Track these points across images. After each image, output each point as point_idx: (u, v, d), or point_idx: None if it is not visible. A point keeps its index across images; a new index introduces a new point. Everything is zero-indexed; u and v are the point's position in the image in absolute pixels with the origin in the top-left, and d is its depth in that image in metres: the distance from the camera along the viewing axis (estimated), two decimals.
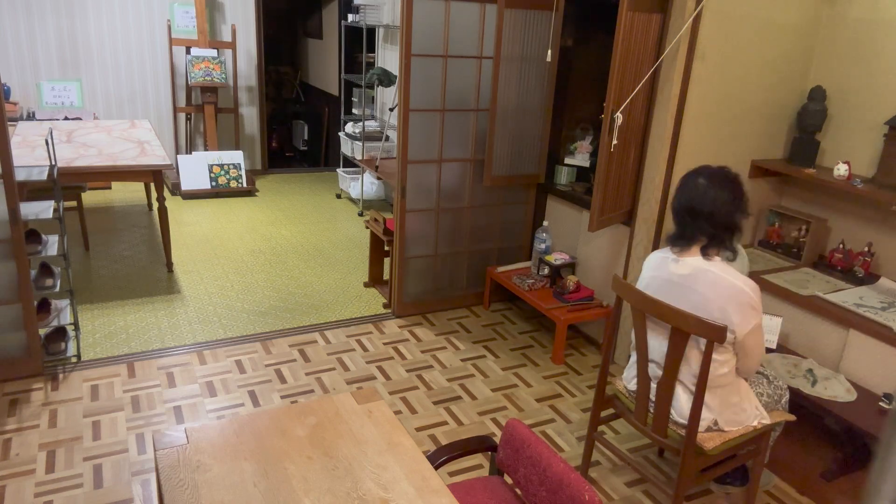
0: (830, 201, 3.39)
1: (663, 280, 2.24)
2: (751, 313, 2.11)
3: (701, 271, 2.15)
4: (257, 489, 1.55)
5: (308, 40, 8.36)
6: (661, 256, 2.30)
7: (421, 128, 3.71)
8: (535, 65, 3.73)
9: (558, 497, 1.67)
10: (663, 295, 2.21)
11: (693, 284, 2.16)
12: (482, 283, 4.18)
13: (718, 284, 2.11)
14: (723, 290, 2.10)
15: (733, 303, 2.09)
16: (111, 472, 2.55)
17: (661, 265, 2.27)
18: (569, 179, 4.01)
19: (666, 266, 2.25)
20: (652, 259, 2.35)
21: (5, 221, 2.91)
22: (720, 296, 2.10)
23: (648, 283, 2.30)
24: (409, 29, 3.45)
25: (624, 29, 2.75)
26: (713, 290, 2.12)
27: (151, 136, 4.70)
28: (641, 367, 2.30)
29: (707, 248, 2.16)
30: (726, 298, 2.10)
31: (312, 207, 5.97)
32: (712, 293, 2.11)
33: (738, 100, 3.23)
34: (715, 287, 2.12)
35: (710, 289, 2.12)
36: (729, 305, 2.10)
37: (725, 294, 2.10)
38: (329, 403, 1.88)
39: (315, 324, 3.82)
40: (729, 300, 2.10)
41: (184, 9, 6.18)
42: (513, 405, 3.16)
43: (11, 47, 5.71)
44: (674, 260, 2.22)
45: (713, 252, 2.16)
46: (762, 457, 2.46)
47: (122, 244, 4.80)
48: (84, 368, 3.21)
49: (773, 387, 2.45)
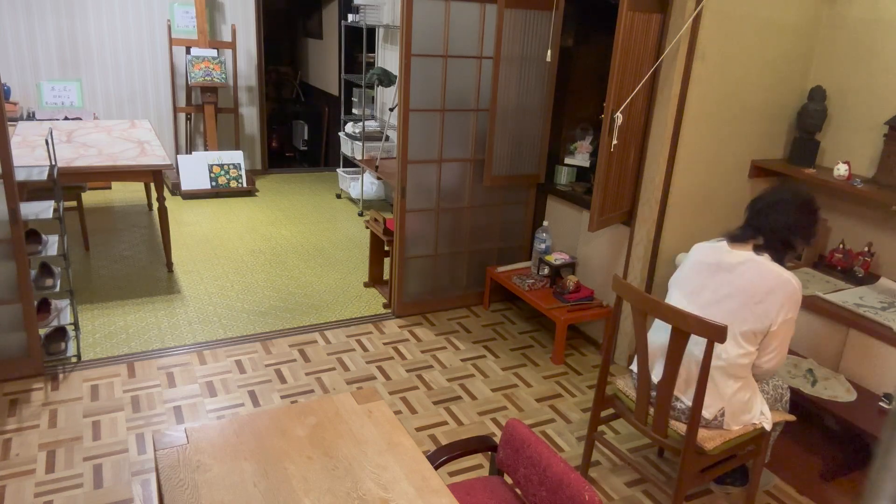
0: (830, 201, 3.39)
1: (711, 264, 2.30)
2: (790, 305, 2.19)
3: (752, 260, 2.23)
4: (257, 489, 1.55)
5: (308, 40, 8.36)
6: (712, 245, 2.36)
7: (421, 128, 3.71)
8: (535, 65, 3.73)
9: (558, 497, 1.67)
10: (704, 278, 2.28)
11: (742, 270, 2.23)
12: (482, 283, 4.18)
13: (768, 273, 2.19)
14: (772, 278, 2.18)
15: (779, 291, 2.17)
16: (111, 472, 2.55)
17: (711, 252, 2.33)
18: (569, 179, 4.01)
19: (717, 253, 2.31)
20: (702, 246, 2.40)
21: (5, 221, 2.91)
22: (767, 282, 2.18)
23: (693, 266, 2.36)
24: (409, 29, 3.45)
25: (624, 29, 2.75)
26: (762, 277, 2.19)
27: (151, 136, 4.70)
28: (642, 366, 2.30)
29: (759, 249, 2.25)
30: (772, 286, 2.17)
31: (312, 207, 5.97)
32: (760, 279, 2.19)
33: (738, 100, 3.23)
34: (763, 274, 2.19)
35: (759, 275, 2.20)
36: (773, 294, 2.17)
37: (773, 282, 2.18)
38: (329, 403, 1.88)
39: (315, 324, 3.82)
40: (776, 287, 2.17)
41: (184, 9, 6.18)
42: (513, 405, 3.16)
43: (11, 47, 5.71)
44: (727, 250, 2.29)
45: (764, 253, 2.24)
46: (762, 457, 2.46)
47: (122, 244, 4.80)
48: (84, 368, 3.21)
49: (773, 387, 2.45)
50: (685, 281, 2.37)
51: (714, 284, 2.26)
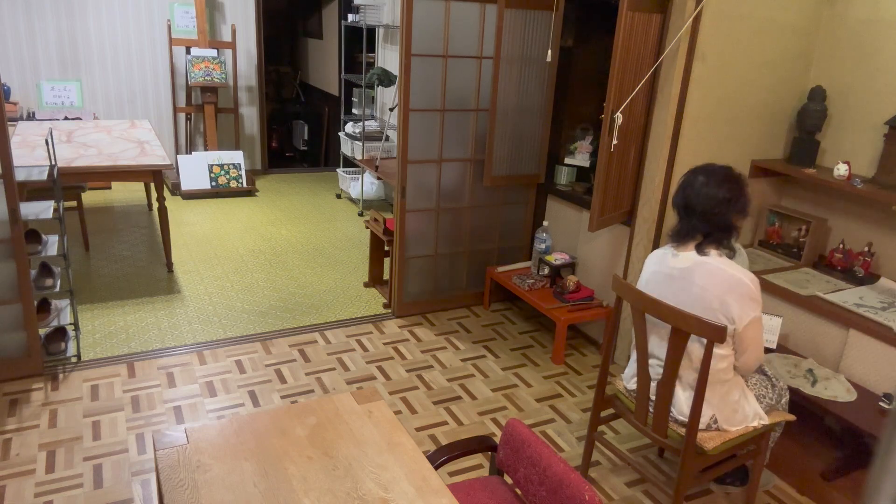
0: (830, 201, 3.39)
1: (663, 275, 2.27)
2: (750, 304, 2.12)
3: (699, 263, 2.17)
4: (257, 489, 1.55)
5: (308, 40, 8.36)
6: (660, 252, 2.33)
7: (421, 128, 3.71)
8: (535, 65, 3.73)
9: (558, 497, 1.67)
10: (663, 289, 2.23)
11: (692, 277, 2.18)
12: (482, 283, 4.18)
13: (717, 275, 2.13)
14: (722, 280, 2.12)
15: (733, 293, 2.11)
16: (111, 472, 2.55)
17: (660, 260, 2.30)
18: (569, 179, 4.01)
19: (665, 261, 2.27)
20: (652, 256, 2.38)
21: (5, 221, 2.91)
22: (719, 286, 2.12)
23: (648, 279, 2.33)
24: (409, 29, 3.45)
25: (624, 29, 2.75)
26: (712, 281, 2.13)
27: (151, 136, 4.70)
28: (641, 366, 2.30)
29: (702, 245, 2.19)
30: (725, 289, 2.11)
31: (312, 207, 5.97)
32: (711, 284, 2.13)
33: (737, 100, 3.23)
34: (714, 278, 2.13)
35: (708, 280, 2.14)
36: (728, 296, 2.11)
37: (725, 285, 2.12)
38: (329, 403, 1.88)
39: (315, 324, 3.82)
40: (728, 291, 2.11)
41: (184, 9, 6.18)
42: (513, 405, 3.16)
43: (11, 47, 5.71)
44: (673, 255, 2.25)
45: (709, 249, 2.18)
46: (762, 457, 2.46)
47: (122, 244, 4.80)
48: (84, 368, 3.21)
49: (775, 389, 2.45)
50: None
51: (671, 295, 2.20)
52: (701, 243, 2.19)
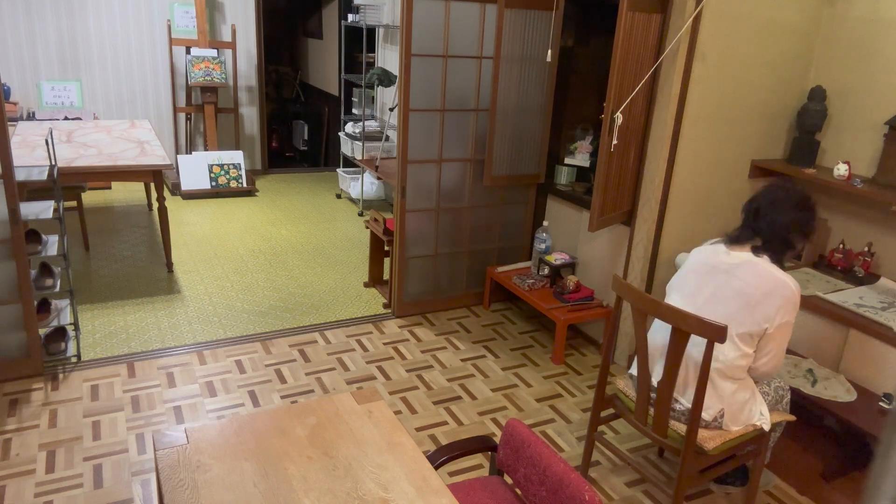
0: (830, 201, 3.39)
1: (711, 266, 2.30)
2: (789, 308, 2.18)
3: (750, 262, 2.23)
4: (257, 489, 1.55)
5: (308, 40, 8.36)
6: (712, 247, 2.36)
7: (421, 128, 3.71)
8: (535, 65, 3.73)
9: (558, 497, 1.67)
10: (705, 278, 2.28)
11: (740, 273, 2.22)
12: (482, 283, 4.18)
13: (765, 275, 2.19)
14: (769, 280, 2.18)
15: (776, 294, 2.16)
16: (111, 472, 2.55)
17: (711, 254, 2.34)
18: (569, 179, 4.01)
19: (717, 255, 2.31)
20: (702, 248, 2.41)
21: (5, 221, 2.91)
22: (765, 285, 2.17)
23: (691, 268, 2.36)
24: (409, 29, 3.45)
25: (624, 29, 2.75)
26: (759, 279, 2.19)
27: (151, 136, 4.70)
28: (642, 366, 2.30)
29: (758, 249, 2.25)
30: (769, 288, 2.17)
31: (312, 207, 5.97)
32: (757, 281, 2.18)
33: (738, 100, 3.23)
34: (761, 276, 2.19)
35: (755, 277, 2.19)
36: (771, 296, 2.16)
37: (771, 284, 2.17)
38: (329, 403, 1.88)
39: (315, 324, 3.82)
40: (772, 291, 2.16)
41: (184, 9, 6.18)
42: (513, 405, 3.16)
43: (11, 47, 5.71)
44: (725, 252, 2.29)
45: (763, 254, 2.24)
46: (762, 457, 2.46)
47: (122, 244, 4.80)
48: (84, 368, 3.21)
49: (774, 388, 2.45)
50: (683, 282, 2.37)
51: (712, 286, 2.26)
52: (758, 247, 2.25)
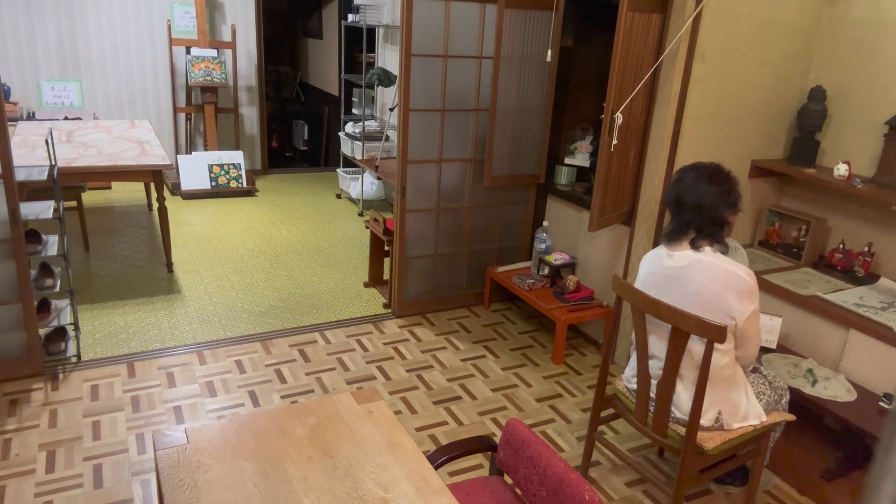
0: (830, 201, 3.39)
1: (659, 275, 2.27)
2: (748, 297, 2.14)
3: (696, 261, 2.18)
4: (257, 489, 1.55)
5: (308, 40, 8.36)
6: (655, 254, 2.33)
7: (421, 128, 3.71)
8: (535, 65, 3.73)
9: (558, 497, 1.67)
10: (660, 288, 2.24)
11: (689, 274, 2.18)
12: (482, 283, 4.18)
13: (714, 271, 2.14)
14: (719, 276, 2.13)
15: (731, 289, 2.12)
16: (111, 472, 2.55)
17: (655, 261, 2.31)
18: (569, 179, 4.01)
19: (660, 261, 2.28)
20: (646, 258, 2.38)
21: (5, 221, 2.91)
22: (717, 282, 2.13)
23: (645, 281, 2.33)
24: (409, 29, 3.45)
25: (624, 29, 2.75)
26: (709, 277, 2.14)
27: (151, 136, 4.70)
28: (641, 366, 2.30)
29: (695, 241, 2.20)
30: (723, 284, 2.13)
31: (312, 207, 5.97)
32: (709, 280, 2.14)
33: (737, 100, 3.23)
34: (711, 274, 2.14)
35: (706, 276, 2.15)
36: (727, 291, 2.12)
37: (722, 280, 2.13)
38: (329, 403, 1.88)
39: (315, 324, 3.82)
40: (726, 286, 2.12)
41: (184, 9, 6.18)
42: (513, 405, 3.16)
43: (11, 47, 5.71)
44: (668, 255, 2.26)
45: (702, 245, 2.19)
46: (762, 457, 2.46)
47: (122, 244, 4.80)
48: (84, 368, 3.21)
49: (773, 388, 2.45)
50: None
51: (669, 295, 2.20)
52: (694, 239, 2.20)
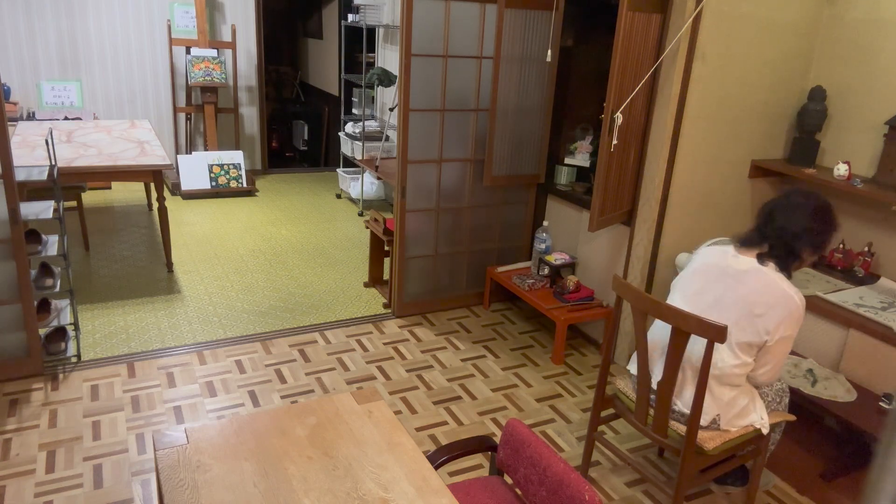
0: (830, 201, 3.38)
1: (718, 269, 2.25)
2: (791, 323, 2.13)
3: (759, 271, 2.17)
4: (257, 489, 1.55)
5: (308, 40, 8.36)
6: (721, 249, 2.31)
7: (421, 128, 3.71)
8: (535, 65, 3.73)
9: (558, 497, 1.67)
10: (712, 282, 2.24)
11: (746, 279, 2.17)
12: (482, 283, 4.18)
13: (771, 287, 2.13)
14: (774, 292, 2.12)
15: (779, 307, 2.11)
16: (111, 472, 2.55)
17: (719, 256, 2.28)
18: (569, 179, 4.01)
19: (725, 258, 2.26)
20: (710, 248, 2.35)
21: (5, 221, 2.91)
22: (770, 296, 2.12)
23: (699, 269, 2.31)
24: (409, 29, 3.45)
25: (624, 29, 2.75)
26: (765, 290, 2.13)
27: (151, 136, 4.70)
28: (642, 366, 2.30)
29: (763, 257, 2.18)
30: (775, 300, 2.11)
31: (312, 207, 5.97)
32: (763, 292, 2.13)
33: (738, 100, 3.23)
34: (767, 287, 2.13)
35: (761, 287, 2.14)
36: (774, 309, 2.11)
37: (775, 296, 2.12)
38: (329, 403, 1.88)
39: (315, 324, 3.82)
40: (776, 303, 2.11)
41: (184, 9, 6.18)
42: (513, 405, 3.16)
43: (11, 47, 5.71)
44: (734, 255, 2.24)
45: (769, 262, 2.17)
46: (762, 457, 2.46)
47: (122, 244, 4.80)
48: (84, 368, 3.21)
49: (774, 388, 2.45)
50: (688, 283, 2.33)
51: (717, 289, 2.22)
52: (763, 254, 2.19)
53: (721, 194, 3.39)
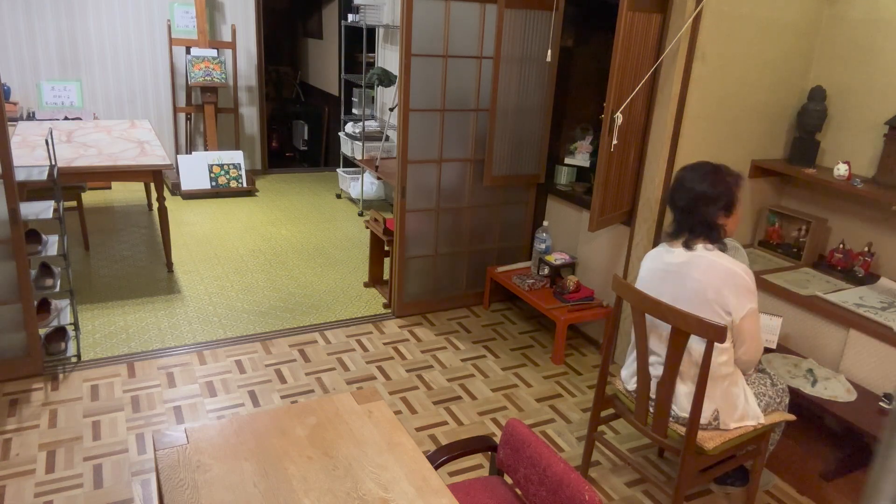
0: (830, 201, 3.39)
1: (659, 270, 2.29)
2: (746, 295, 2.15)
3: (695, 257, 2.19)
4: (257, 489, 1.55)
5: (308, 40, 8.36)
6: (656, 251, 2.36)
7: (421, 128, 3.71)
8: (535, 65, 3.73)
9: (558, 497, 1.67)
10: (660, 284, 2.26)
11: (688, 271, 2.19)
12: (482, 283, 4.18)
13: (712, 268, 2.15)
14: (717, 272, 2.14)
15: (728, 285, 2.13)
16: (111, 472, 2.55)
17: (656, 257, 2.33)
18: (569, 179, 4.01)
19: (660, 257, 2.30)
20: (649, 254, 2.40)
21: (5, 221, 2.91)
22: (715, 278, 2.14)
23: (644, 276, 2.35)
24: (409, 29, 3.45)
25: (624, 29, 2.75)
26: (708, 274, 2.15)
27: (151, 136, 4.70)
28: (641, 366, 2.30)
29: (688, 242, 2.21)
30: (721, 280, 2.14)
31: (312, 207, 5.97)
32: (707, 277, 2.15)
33: (738, 100, 3.23)
34: (709, 271, 2.15)
35: (704, 273, 2.16)
36: (724, 288, 2.13)
37: (720, 277, 2.14)
38: (329, 403, 1.88)
39: (315, 324, 3.82)
40: (724, 282, 2.13)
41: (184, 9, 6.18)
42: (513, 405, 3.16)
43: (11, 47, 5.71)
44: (667, 251, 2.28)
45: (696, 244, 2.19)
46: (762, 457, 2.46)
47: (122, 244, 4.80)
48: (84, 368, 3.21)
49: (775, 388, 2.45)
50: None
51: (667, 290, 2.22)
52: (687, 240, 2.21)
53: None
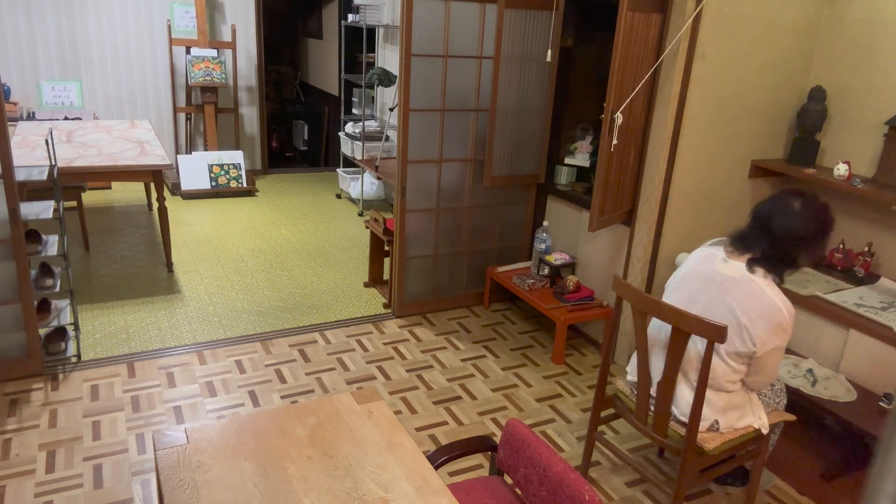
0: (830, 201, 3.35)
1: (706, 275, 2.21)
2: (779, 334, 2.10)
3: (747, 279, 2.11)
4: (257, 489, 1.55)
5: (308, 40, 8.36)
6: (709, 252, 2.26)
7: (421, 128, 3.71)
8: (535, 65, 3.73)
9: (558, 497, 1.67)
10: (699, 289, 2.21)
11: (734, 289, 2.12)
12: (482, 283, 4.18)
13: (758, 297, 2.08)
14: (761, 302, 2.08)
15: (766, 318, 2.07)
16: (111, 472, 2.55)
17: (708, 260, 2.23)
18: (569, 179, 4.01)
19: (713, 263, 2.21)
20: (699, 252, 2.31)
21: (5, 221, 2.91)
22: (757, 307, 2.08)
23: (688, 275, 2.28)
24: (409, 29, 3.45)
25: (624, 29, 2.75)
26: (752, 300, 2.08)
27: (151, 136, 4.70)
28: (642, 366, 2.30)
29: (754, 262, 2.12)
30: (761, 312, 2.07)
31: (312, 207, 5.97)
32: (749, 303, 2.08)
33: (738, 100, 3.23)
34: (754, 299, 2.08)
35: (748, 298, 2.09)
36: (761, 319, 2.07)
37: (762, 308, 2.07)
38: (329, 403, 1.88)
39: (315, 324, 3.82)
40: (763, 314, 2.07)
41: (184, 9, 6.18)
42: (513, 405, 3.16)
43: (11, 47, 5.71)
44: (723, 259, 2.19)
45: (759, 268, 2.12)
46: (762, 457, 2.46)
47: (122, 244, 4.80)
48: (84, 368, 3.21)
49: (774, 389, 2.45)
50: (677, 289, 2.30)
51: (705, 298, 2.18)
52: (755, 259, 2.12)
53: (721, 194, 3.39)
